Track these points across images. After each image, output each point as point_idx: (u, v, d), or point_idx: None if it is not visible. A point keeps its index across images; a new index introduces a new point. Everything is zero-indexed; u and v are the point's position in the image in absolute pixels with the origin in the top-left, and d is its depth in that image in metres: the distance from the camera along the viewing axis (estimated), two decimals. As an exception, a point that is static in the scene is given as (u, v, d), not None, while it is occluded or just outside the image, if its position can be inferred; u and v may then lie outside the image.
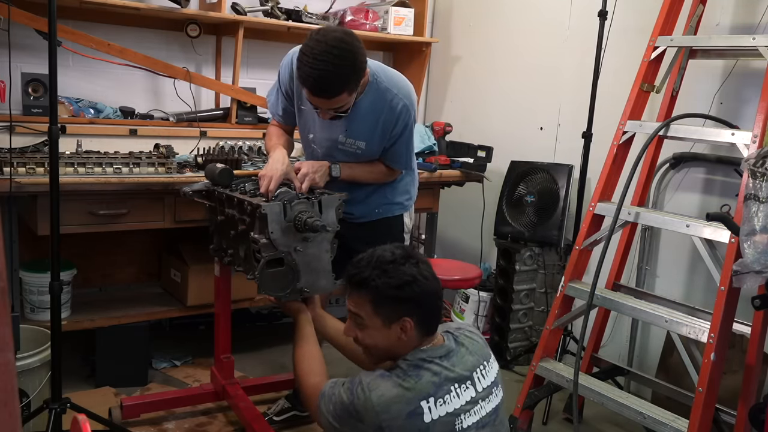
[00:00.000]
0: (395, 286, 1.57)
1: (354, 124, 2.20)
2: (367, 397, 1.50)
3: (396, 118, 2.20)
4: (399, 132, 2.24)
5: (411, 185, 2.50)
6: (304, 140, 2.39)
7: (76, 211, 2.53)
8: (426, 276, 1.60)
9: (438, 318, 1.65)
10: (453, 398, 1.53)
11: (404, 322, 1.57)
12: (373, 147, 2.26)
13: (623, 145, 2.55)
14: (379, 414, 1.48)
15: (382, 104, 2.18)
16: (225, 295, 2.57)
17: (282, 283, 2.06)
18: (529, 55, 3.63)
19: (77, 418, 1.83)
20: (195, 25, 3.29)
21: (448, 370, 1.56)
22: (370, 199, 2.39)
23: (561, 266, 3.32)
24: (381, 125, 2.20)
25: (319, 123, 2.24)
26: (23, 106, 2.87)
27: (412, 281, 1.57)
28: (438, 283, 1.64)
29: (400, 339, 1.59)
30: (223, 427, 2.61)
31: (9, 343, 0.81)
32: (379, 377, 1.54)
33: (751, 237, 1.81)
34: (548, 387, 2.62)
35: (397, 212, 2.46)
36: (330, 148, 2.29)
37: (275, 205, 2.01)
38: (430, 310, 1.61)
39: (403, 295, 1.57)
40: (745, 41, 2.29)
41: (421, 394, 1.50)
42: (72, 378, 2.79)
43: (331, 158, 2.28)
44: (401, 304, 1.58)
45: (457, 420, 1.52)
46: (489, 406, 1.60)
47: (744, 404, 2.24)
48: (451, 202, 3.77)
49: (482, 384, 1.60)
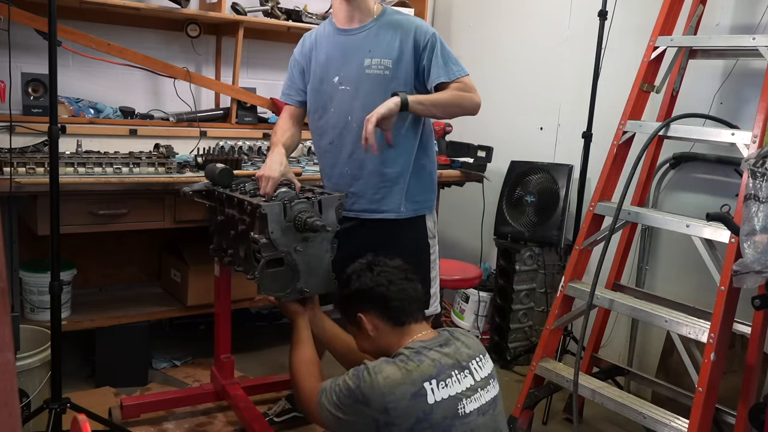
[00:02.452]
0: (342, 289, 1.80)
1: (374, 43, 2.19)
2: (374, 380, 1.55)
3: (416, 27, 2.20)
4: (430, 40, 2.18)
5: (432, 187, 2.40)
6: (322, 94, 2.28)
7: (76, 211, 2.53)
8: (369, 270, 1.75)
9: (404, 307, 1.73)
10: (454, 382, 1.59)
11: (359, 318, 1.73)
12: (401, 66, 2.18)
13: (623, 145, 2.55)
14: (385, 395, 1.53)
15: (399, 21, 2.22)
16: (225, 295, 2.57)
17: (282, 283, 2.06)
18: (529, 55, 3.63)
19: (77, 418, 1.84)
20: (195, 25, 3.29)
21: (448, 356, 1.63)
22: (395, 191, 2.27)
23: (561, 266, 3.32)
24: (400, 39, 2.18)
25: (340, 61, 2.24)
26: (23, 106, 2.87)
27: (349, 280, 1.77)
28: (394, 272, 1.75)
29: (373, 336, 1.73)
30: (223, 427, 2.61)
31: (9, 343, 0.81)
32: (384, 362, 1.61)
33: (751, 237, 1.81)
34: (548, 387, 2.62)
35: (420, 212, 2.34)
36: (359, 79, 2.21)
37: (275, 205, 2.01)
38: (380, 299, 1.72)
39: (348, 293, 1.77)
40: (745, 41, 2.29)
41: (423, 375, 1.56)
42: (72, 378, 2.79)
43: (360, 92, 2.21)
44: (350, 302, 1.77)
45: (459, 404, 1.58)
46: (488, 395, 1.65)
47: (744, 404, 2.24)
48: (451, 202, 3.77)
49: (480, 374, 1.66)
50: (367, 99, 2.18)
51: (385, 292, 1.72)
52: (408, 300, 1.74)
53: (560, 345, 2.91)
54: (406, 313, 1.73)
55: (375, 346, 1.75)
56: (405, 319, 1.73)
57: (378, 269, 1.76)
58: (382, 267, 1.77)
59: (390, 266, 1.77)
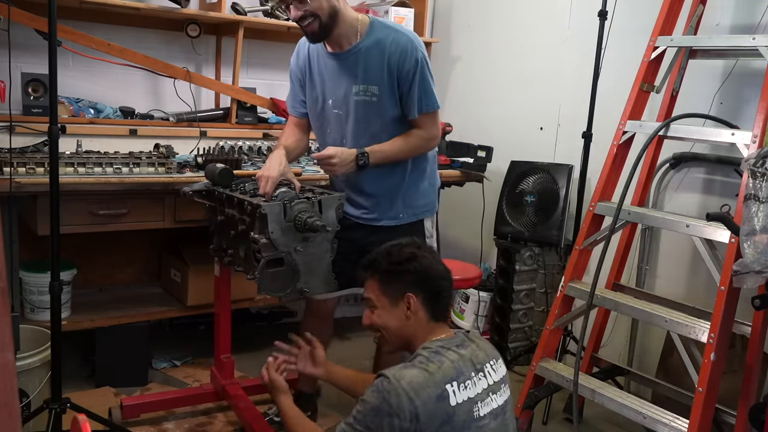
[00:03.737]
0: (396, 262, 1.68)
1: (362, 68, 2.19)
2: (398, 386, 1.50)
3: (401, 52, 2.16)
4: (411, 69, 2.17)
5: (431, 190, 2.44)
6: (319, 114, 2.34)
7: (76, 211, 2.53)
8: (429, 256, 1.70)
9: (445, 303, 1.72)
10: (471, 385, 1.57)
11: (408, 297, 1.66)
12: (387, 92, 2.19)
13: (623, 145, 2.55)
14: (413, 400, 1.49)
15: (384, 42, 2.18)
16: (225, 295, 2.57)
17: (282, 283, 2.06)
18: (529, 55, 3.63)
19: (77, 418, 1.83)
20: (195, 25, 3.29)
21: (465, 357, 1.61)
22: (396, 202, 2.33)
23: (561, 266, 3.32)
24: (387, 64, 2.17)
25: (331, 84, 2.25)
26: (23, 106, 2.87)
27: (411, 257, 1.68)
28: (445, 269, 1.72)
29: (408, 318, 1.67)
30: (223, 427, 2.61)
31: (9, 343, 0.81)
32: (402, 368, 1.57)
33: (751, 237, 1.81)
34: (548, 387, 2.62)
35: (420, 216, 2.39)
36: (348, 105, 2.24)
37: (275, 205, 2.01)
38: (435, 289, 1.68)
39: (404, 269, 1.67)
40: (745, 41, 2.29)
41: (446, 376, 1.54)
42: (72, 378, 2.78)
43: (351, 116, 2.25)
44: (403, 278, 1.68)
45: (475, 407, 1.56)
46: (500, 399, 1.64)
47: (744, 404, 2.24)
48: (451, 202, 3.77)
49: (493, 378, 1.64)
50: (358, 125, 2.25)
51: (445, 286, 1.70)
52: (450, 300, 1.75)
53: (560, 345, 2.91)
54: (446, 312, 1.72)
55: (400, 328, 1.69)
56: (442, 317, 1.71)
57: (438, 258, 1.73)
58: (438, 257, 1.73)
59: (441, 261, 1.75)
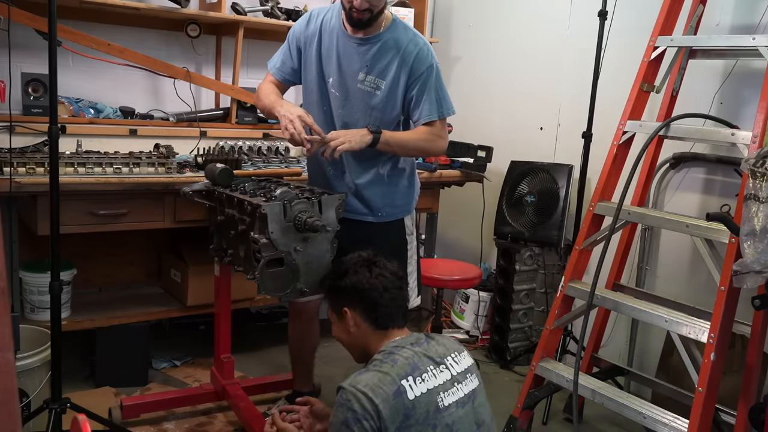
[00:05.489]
0: (333, 277, 1.81)
1: (374, 59, 2.18)
2: (356, 391, 1.55)
3: (418, 53, 2.18)
4: (426, 72, 2.17)
5: (411, 190, 2.43)
6: (315, 89, 2.30)
7: (76, 211, 2.52)
8: (368, 271, 1.75)
9: (391, 313, 1.75)
10: (430, 377, 1.62)
11: (344, 312, 1.75)
12: (391, 90, 2.19)
13: (623, 145, 2.55)
14: (372, 399, 1.53)
15: (403, 41, 2.19)
16: (225, 295, 2.57)
17: (282, 283, 2.06)
18: (529, 55, 3.63)
19: (77, 418, 1.83)
20: (195, 25, 3.29)
21: (420, 353, 1.65)
22: (375, 198, 2.33)
23: (561, 266, 3.32)
24: (398, 63, 2.17)
25: (339, 64, 2.22)
26: (23, 106, 2.87)
27: (345, 273, 1.77)
28: (391, 280, 1.76)
29: (352, 331, 1.75)
30: (223, 427, 2.61)
31: (9, 343, 0.81)
32: (357, 374, 1.62)
33: (751, 237, 1.81)
34: (548, 387, 2.62)
35: (399, 216, 2.40)
36: (349, 90, 2.23)
37: (275, 205, 2.01)
38: (370, 301, 1.73)
39: (339, 285, 1.78)
40: (745, 41, 2.29)
41: (399, 374, 1.58)
42: (72, 378, 2.79)
43: (348, 102, 2.23)
44: (340, 294, 1.79)
45: (438, 397, 1.60)
46: (466, 388, 1.67)
47: (744, 404, 2.24)
48: (451, 202, 3.77)
49: (456, 369, 1.68)
50: (350, 111, 2.24)
51: (378, 298, 1.73)
52: (396, 308, 1.77)
53: (560, 345, 2.91)
54: (391, 320, 1.75)
55: (350, 340, 1.79)
56: (389, 325, 1.75)
57: (377, 271, 1.76)
58: (380, 270, 1.77)
59: (389, 271, 1.78)
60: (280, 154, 3.26)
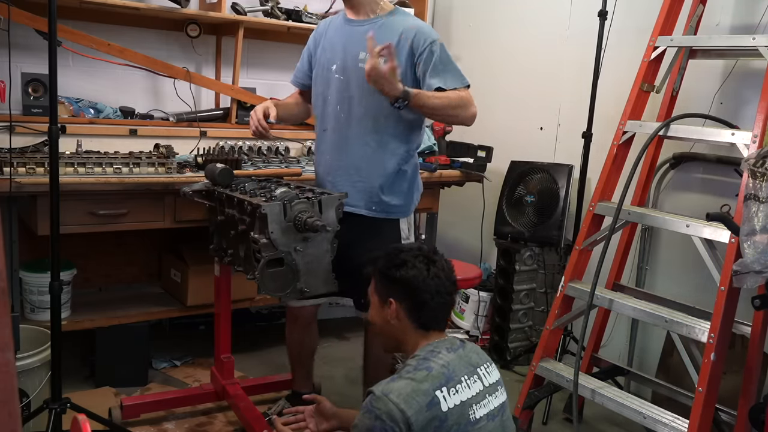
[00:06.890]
0: (388, 266, 1.69)
1: (376, 37, 2.15)
2: (387, 401, 1.50)
3: (417, 31, 2.23)
4: (425, 48, 2.19)
5: (414, 189, 2.43)
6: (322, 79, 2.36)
7: (76, 211, 2.52)
8: (426, 269, 1.67)
9: (436, 316, 1.69)
10: (464, 388, 1.56)
11: (390, 302, 1.67)
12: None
13: (623, 145, 2.55)
14: (404, 411, 1.48)
15: (403, 24, 2.26)
16: (225, 295, 2.57)
17: (282, 283, 2.06)
18: (529, 55, 3.63)
19: (77, 418, 1.84)
20: (195, 25, 3.29)
21: (457, 360, 1.59)
22: (370, 187, 2.31)
23: (561, 266, 3.32)
24: (398, 40, 2.20)
25: (340, 48, 2.30)
26: (23, 106, 2.87)
27: (401, 264, 1.66)
28: (445, 284, 1.68)
29: (392, 322, 1.68)
30: (223, 427, 2.61)
31: (9, 343, 0.81)
32: (390, 381, 1.56)
33: (751, 237, 1.81)
34: (548, 387, 2.62)
35: (393, 216, 2.37)
36: (351, 70, 2.27)
37: (275, 205, 2.01)
38: (423, 302, 1.66)
39: (392, 275, 1.67)
40: (745, 41, 2.29)
41: (434, 384, 1.52)
42: (72, 378, 2.78)
43: (350, 84, 2.28)
44: (391, 283, 1.68)
45: (470, 410, 1.55)
46: (496, 401, 1.63)
47: (744, 404, 2.24)
48: (451, 202, 3.77)
49: (488, 380, 1.63)
50: (357, 92, 2.26)
51: (428, 300, 1.66)
52: (443, 312, 1.71)
53: (560, 345, 2.91)
54: (435, 322, 1.70)
55: (387, 329, 1.71)
56: (431, 326, 1.69)
57: (434, 271, 1.68)
58: (438, 270, 1.69)
59: (444, 273, 1.70)
60: (280, 154, 3.26)
